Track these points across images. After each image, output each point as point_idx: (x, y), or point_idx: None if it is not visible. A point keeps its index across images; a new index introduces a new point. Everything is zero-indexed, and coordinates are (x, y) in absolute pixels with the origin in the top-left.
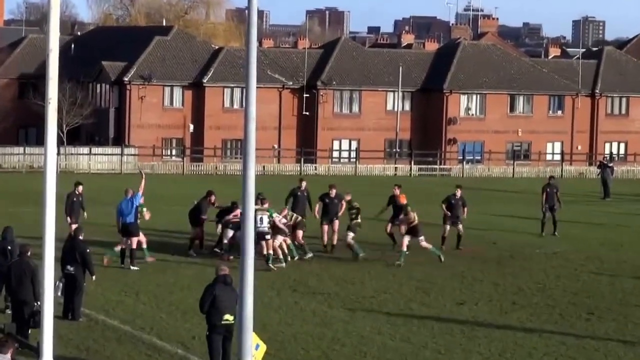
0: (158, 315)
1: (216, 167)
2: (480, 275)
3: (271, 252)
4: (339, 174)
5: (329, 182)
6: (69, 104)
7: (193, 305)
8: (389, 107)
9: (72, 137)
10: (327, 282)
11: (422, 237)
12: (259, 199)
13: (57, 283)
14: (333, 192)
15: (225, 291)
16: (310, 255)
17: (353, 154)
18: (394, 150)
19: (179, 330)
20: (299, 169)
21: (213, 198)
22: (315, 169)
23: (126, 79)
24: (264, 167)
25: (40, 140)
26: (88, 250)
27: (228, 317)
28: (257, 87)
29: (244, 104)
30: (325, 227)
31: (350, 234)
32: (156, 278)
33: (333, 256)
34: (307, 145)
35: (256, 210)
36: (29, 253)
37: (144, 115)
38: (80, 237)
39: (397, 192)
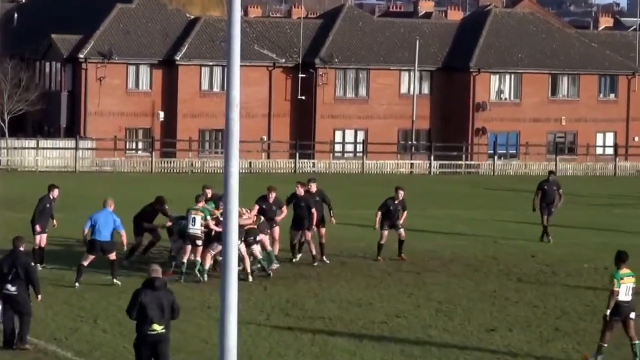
0: (121, 345)
1: (192, 164)
2: (514, 296)
3: (199, 259)
4: (342, 171)
5: (329, 181)
6: (11, 86)
7: None
8: (403, 89)
9: (15, 127)
10: (327, 304)
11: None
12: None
13: None
14: (272, 196)
15: (153, 297)
16: (274, 267)
17: (359, 148)
18: (410, 142)
19: None
20: (293, 165)
21: (56, 192)
22: (313, 166)
23: (81, 55)
24: (250, 163)
25: None
26: (32, 264)
27: (156, 327)
28: (241, 66)
29: (225, 86)
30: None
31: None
32: (118, 300)
33: (335, 272)
34: (303, 136)
35: (190, 210)
36: (21, 248)
37: (103, 100)
38: (22, 249)
39: (314, 188)
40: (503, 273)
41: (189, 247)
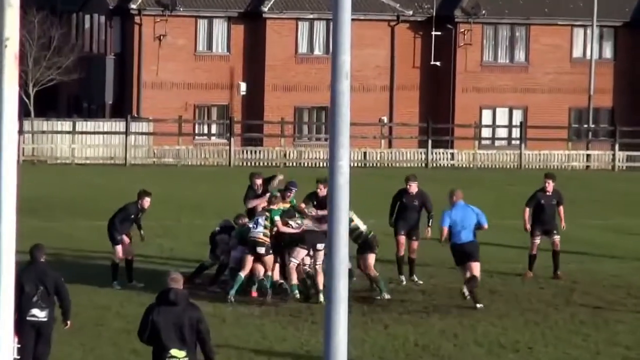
0: None
1: (285, 155)
2: None
3: (270, 274)
4: (492, 165)
5: (474, 179)
6: (37, 48)
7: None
8: (577, 53)
9: (43, 104)
10: (471, 349)
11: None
12: (287, 189)
13: None
14: (414, 188)
15: (169, 315)
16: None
17: (516, 133)
18: (585, 126)
19: None
20: (423, 157)
21: (147, 201)
22: (452, 158)
23: (134, 6)
24: (365, 154)
25: None
26: (62, 279)
27: (175, 354)
28: (353, 20)
29: (331, 47)
30: (403, 239)
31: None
32: None
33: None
34: (438, 118)
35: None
36: (42, 259)
37: (163, 66)
38: (43, 260)
39: (414, 189)
40: None
41: (249, 257)
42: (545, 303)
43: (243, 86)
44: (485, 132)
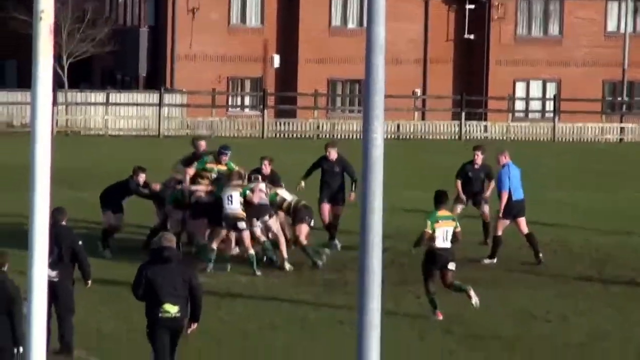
0: None
1: (318, 127)
2: None
3: (252, 251)
4: (525, 138)
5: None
6: (72, 20)
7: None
8: (611, 26)
9: (77, 75)
10: (502, 319)
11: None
12: (221, 153)
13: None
14: (333, 155)
15: (163, 272)
16: (320, 263)
17: (549, 106)
18: (619, 99)
19: None
20: (457, 129)
21: (143, 177)
22: (485, 130)
23: None
24: (398, 126)
25: (24, 81)
26: (80, 243)
27: (168, 308)
28: None
29: (365, 20)
30: (326, 207)
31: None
32: (217, 310)
33: (514, 276)
34: (472, 90)
35: (229, 187)
36: (4, 268)
37: (197, 39)
38: (64, 222)
39: (333, 155)
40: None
41: (224, 231)
42: (577, 275)
43: (277, 59)
44: (519, 105)
